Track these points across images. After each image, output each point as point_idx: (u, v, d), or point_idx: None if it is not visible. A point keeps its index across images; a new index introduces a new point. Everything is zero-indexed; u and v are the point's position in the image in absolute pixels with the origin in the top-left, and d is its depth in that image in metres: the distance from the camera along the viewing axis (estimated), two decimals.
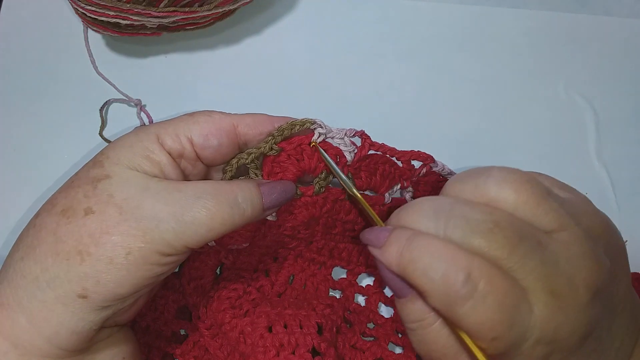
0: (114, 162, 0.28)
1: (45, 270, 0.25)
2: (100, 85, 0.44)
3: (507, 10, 0.48)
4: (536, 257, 0.25)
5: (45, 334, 0.25)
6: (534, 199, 0.26)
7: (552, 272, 0.25)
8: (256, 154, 0.31)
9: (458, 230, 0.25)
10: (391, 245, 0.27)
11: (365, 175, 0.34)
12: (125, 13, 0.39)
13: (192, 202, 0.27)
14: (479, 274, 0.24)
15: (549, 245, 0.25)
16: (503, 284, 0.24)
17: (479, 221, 0.25)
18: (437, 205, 0.27)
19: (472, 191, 0.27)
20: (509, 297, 0.24)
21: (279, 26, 0.47)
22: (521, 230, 0.25)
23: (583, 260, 0.25)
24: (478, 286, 0.24)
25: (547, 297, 0.24)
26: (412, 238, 0.26)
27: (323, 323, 0.33)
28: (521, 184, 0.26)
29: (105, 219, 0.26)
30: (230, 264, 0.37)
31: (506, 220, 0.25)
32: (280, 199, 0.30)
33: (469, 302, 0.24)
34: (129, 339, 0.30)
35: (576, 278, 0.25)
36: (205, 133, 0.30)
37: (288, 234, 0.35)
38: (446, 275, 0.24)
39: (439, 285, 0.24)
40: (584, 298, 0.25)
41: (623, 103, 0.46)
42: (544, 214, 0.26)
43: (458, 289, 0.24)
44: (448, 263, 0.24)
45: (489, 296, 0.24)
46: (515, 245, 0.24)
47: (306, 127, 0.32)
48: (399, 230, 0.27)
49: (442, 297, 0.24)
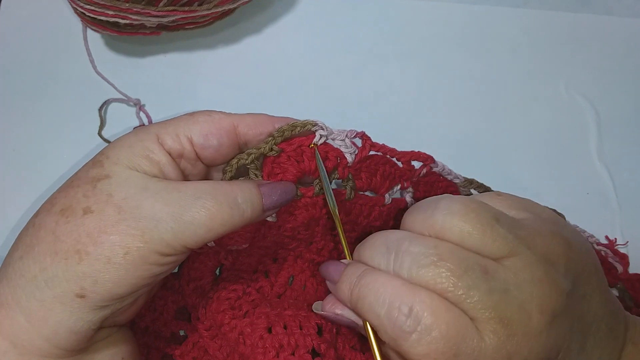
0: (114, 162, 0.27)
1: (43, 269, 0.25)
2: (99, 84, 0.44)
3: (508, 10, 0.48)
4: (482, 287, 0.25)
5: (44, 333, 0.25)
6: (479, 228, 0.26)
7: (501, 300, 0.25)
8: (256, 154, 0.31)
9: (405, 265, 0.26)
10: (343, 283, 0.28)
11: (366, 176, 0.34)
12: (124, 12, 0.39)
13: (191, 202, 0.26)
14: (422, 308, 0.25)
15: (496, 273, 0.26)
16: (447, 315, 0.25)
17: (424, 255, 0.26)
18: (388, 241, 0.28)
19: (422, 223, 0.28)
20: (453, 328, 0.24)
21: (278, 26, 0.47)
22: (467, 260, 0.26)
23: (535, 286, 0.26)
24: (421, 319, 0.24)
25: (496, 326, 0.25)
26: (362, 275, 0.27)
27: (323, 324, 0.33)
28: (466, 212, 0.27)
29: (103, 218, 0.26)
30: (229, 264, 0.37)
31: (450, 252, 0.26)
32: (280, 200, 0.30)
33: (413, 335, 0.25)
34: (128, 339, 0.30)
35: (528, 304, 0.25)
36: (205, 133, 0.30)
37: (288, 235, 0.35)
38: (390, 310, 0.25)
39: (384, 321, 0.25)
40: (538, 324, 0.25)
41: (624, 103, 0.46)
42: (491, 242, 0.26)
43: (401, 324, 0.25)
44: (391, 298, 0.25)
45: (433, 328, 0.24)
46: (460, 276, 0.25)
47: (307, 128, 0.31)
48: (351, 266, 0.29)
49: (388, 332, 0.25)
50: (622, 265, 0.40)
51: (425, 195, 0.37)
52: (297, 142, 0.31)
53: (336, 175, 0.33)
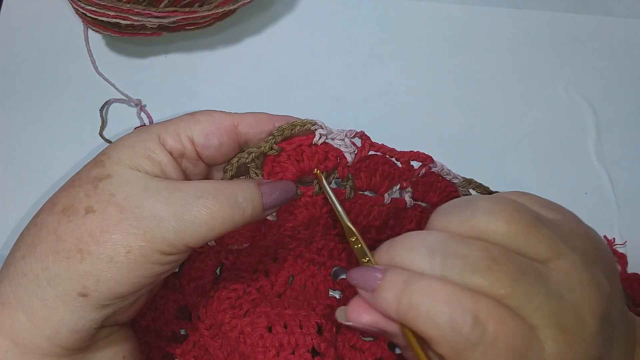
0: (115, 162, 0.28)
1: (45, 268, 0.25)
2: (100, 85, 0.44)
3: (507, 10, 0.48)
4: (541, 292, 0.23)
5: (46, 332, 0.25)
6: (525, 229, 0.24)
7: (558, 306, 0.23)
8: (256, 153, 0.31)
9: (456, 270, 0.24)
10: (386, 290, 0.25)
11: (365, 175, 0.34)
12: (125, 13, 0.39)
13: (192, 201, 0.27)
14: (486, 316, 0.23)
15: (549, 277, 0.24)
16: (512, 324, 0.23)
17: (477, 258, 0.24)
18: (429, 242, 0.25)
19: (461, 224, 0.25)
20: (519, 337, 0.23)
21: (279, 26, 0.47)
22: (520, 263, 0.24)
23: (584, 288, 0.24)
24: (487, 329, 0.22)
25: (556, 334, 0.23)
26: (409, 282, 0.24)
27: (323, 323, 0.33)
28: (510, 213, 0.25)
29: (105, 217, 0.26)
30: (230, 264, 0.37)
31: (503, 254, 0.24)
32: (280, 199, 0.30)
33: (479, 347, 0.22)
34: (129, 338, 0.30)
35: (582, 309, 0.24)
36: (206, 132, 0.30)
37: (288, 234, 0.35)
38: (452, 319, 0.23)
39: (445, 331, 0.23)
40: (592, 329, 0.24)
41: (623, 103, 0.46)
42: (537, 244, 0.24)
43: (467, 334, 0.22)
44: (453, 306, 0.23)
45: (500, 339, 0.22)
46: (517, 280, 0.23)
47: (307, 127, 0.32)
48: (393, 272, 0.25)
49: (450, 344, 0.23)
50: (620, 265, 0.40)
51: (424, 195, 0.38)
52: (297, 142, 0.31)
53: (336, 175, 0.33)
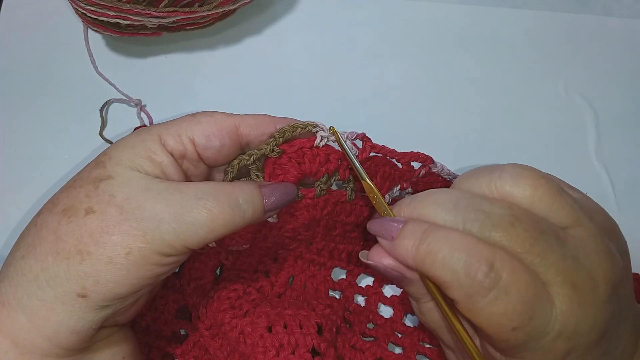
0: (116, 163, 0.28)
1: (45, 269, 0.25)
2: (100, 85, 0.44)
3: (507, 10, 0.48)
4: (557, 251, 0.25)
5: (45, 332, 0.25)
6: (550, 195, 0.26)
7: (573, 266, 0.25)
8: (257, 155, 0.31)
9: (477, 224, 0.25)
10: (405, 239, 0.26)
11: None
12: (125, 13, 0.39)
13: (193, 202, 0.27)
14: (501, 265, 0.24)
15: (567, 241, 0.25)
16: (525, 275, 0.24)
17: (499, 215, 0.25)
18: (454, 198, 0.27)
19: (487, 186, 0.27)
20: (531, 289, 0.24)
21: (279, 26, 0.47)
22: (540, 224, 0.25)
23: (601, 256, 0.26)
24: (501, 277, 0.24)
25: (569, 291, 0.24)
26: (429, 231, 0.26)
27: (323, 323, 0.33)
28: (536, 179, 0.26)
29: (105, 218, 0.26)
30: (230, 264, 0.37)
31: (525, 214, 0.25)
32: (281, 201, 0.30)
33: (491, 293, 0.24)
34: (129, 339, 0.30)
35: (595, 273, 0.25)
36: (208, 134, 0.30)
37: (289, 236, 0.35)
38: (468, 265, 0.24)
39: (460, 276, 0.24)
40: (603, 293, 0.25)
41: (623, 103, 0.46)
42: (560, 210, 0.26)
43: (481, 280, 0.24)
44: (470, 254, 0.24)
45: (512, 287, 0.24)
46: (536, 239, 0.25)
47: (308, 129, 0.32)
48: (414, 222, 0.27)
49: (463, 288, 0.24)
50: None
51: None
52: (299, 144, 0.31)
53: (337, 177, 0.33)
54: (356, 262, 0.38)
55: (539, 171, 0.27)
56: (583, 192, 0.30)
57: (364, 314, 0.37)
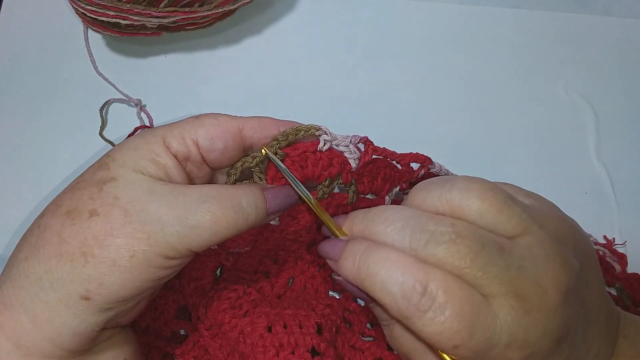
0: (120, 165, 0.27)
1: (49, 271, 0.25)
2: (100, 85, 0.44)
3: (507, 10, 0.48)
4: (499, 263, 0.25)
5: (48, 334, 0.25)
6: (496, 205, 0.26)
7: (517, 275, 0.25)
8: (261, 157, 0.31)
9: (422, 243, 0.25)
10: (347, 259, 0.27)
11: (368, 180, 0.34)
12: (125, 13, 0.39)
13: (196, 206, 0.26)
14: (436, 286, 0.24)
15: (512, 250, 0.25)
16: (461, 293, 0.24)
17: (442, 232, 0.25)
18: (404, 217, 0.27)
19: (437, 199, 0.27)
20: (467, 306, 0.24)
21: (278, 26, 0.47)
22: (483, 238, 0.25)
23: (550, 262, 0.26)
24: (436, 298, 0.24)
25: (513, 301, 0.25)
26: (368, 250, 0.26)
27: (322, 323, 0.33)
28: (484, 191, 0.26)
29: (110, 221, 0.26)
30: (230, 265, 0.37)
31: (468, 230, 0.26)
32: (284, 204, 0.30)
33: (427, 314, 0.24)
34: (130, 340, 0.30)
35: (544, 280, 0.25)
36: (211, 136, 0.29)
37: (290, 238, 0.35)
38: (403, 288, 0.25)
39: (397, 299, 0.25)
40: (554, 300, 0.25)
41: (623, 103, 0.46)
42: (507, 220, 0.26)
43: (416, 302, 0.24)
44: (405, 276, 0.25)
45: (447, 306, 0.24)
46: (477, 253, 0.25)
47: (311, 133, 0.31)
48: (354, 242, 0.28)
49: (401, 310, 0.25)
50: (620, 265, 0.40)
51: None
52: (302, 148, 0.31)
53: (340, 181, 0.32)
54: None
55: (488, 182, 0.27)
56: (544, 199, 0.30)
57: (364, 314, 0.37)
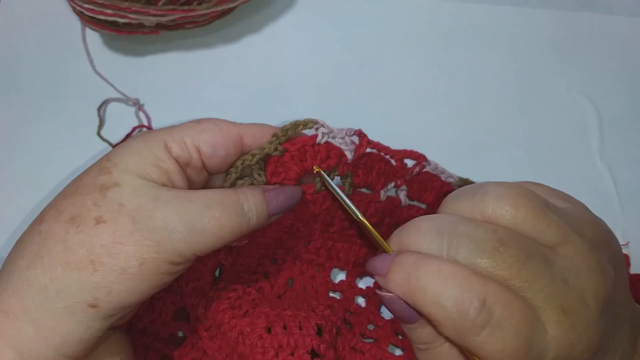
0: (123, 170, 0.27)
1: (55, 279, 0.25)
2: (98, 84, 0.44)
3: (509, 9, 0.48)
4: (546, 275, 0.24)
5: (53, 343, 0.25)
6: (533, 214, 0.25)
7: (562, 289, 0.24)
8: (260, 155, 0.31)
9: (462, 250, 0.24)
10: (395, 272, 0.26)
11: (363, 172, 0.34)
12: (123, 11, 0.39)
13: (202, 212, 0.26)
14: (494, 300, 0.23)
15: (555, 261, 0.25)
16: (518, 307, 0.23)
17: (484, 239, 0.24)
18: (439, 224, 0.26)
19: (470, 209, 0.26)
20: (525, 321, 0.23)
21: (278, 25, 0.47)
22: (527, 247, 0.24)
23: (590, 274, 0.25)
24: (494, 313, 0.23)
25: (559, 316, 0.24)
26: (419, 263, 0.25)
27: (323, 324, 0.33)
28: (519, 198, 0.25)
29: (117, 228, 0.25)
30: (229, 266, 0.37)
31: (511, 237, 0.24)
32: (285, 205, 0.30)
33: (485, 330, 0.23)
34: (124, 339, 0.30)
35: (585, 292, 0.24)
36: (213, 142, 0.29)
37: (287, 231, 0.35)
38: (460, 303, 0.23)
39: (452, 314, 0.23)
40: (595, 313, 0.24)
41: (626, 102, 0.46)
42: (545, 228, 0.25)
43: (473, 318, 0.23)
44: (461, 290, 0.23)
45: (506, 322, 0.23)
46: (523, 263, 0.24)
47: (309, 127, 0.32)
48: (403, 255, 0.26)
49: (456, 326, 0.23)
50: None
51: (419, 194, 0.38)
52: (301, 142, 0.32)
53: (336, 173, 0.33)
54: (354, 262, 0.38)
55: (522, 188, 0.26)
56: (574, 199, 0.29)
57: (365, 315, 0.37)
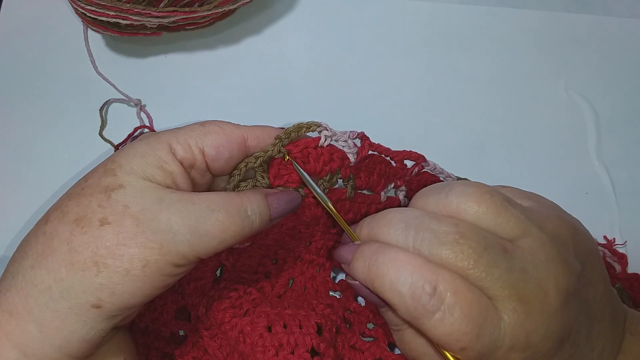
0: (127, 172, 0.27)
1: (59, 280, 0.25)
2: (100, 85, 0.44)
3: (507, 10, 0.48)
4: (502, 265, 0.25)
5: (56, 342, 0.25)
6: (494, 208, 0.27)
7: (520, 278, 0.25)
8: (264, 157, 0.31)
9: (425, 242, 0.26)
10: (358, 261, 0.28)
11: (364, 174, 0.34)
12: (125, 13, 0.39)
13: (206, 214, 0.27)
14: (445, 287, 0.25)
15: (514, 253, 0.26)
16: (469, 294, 0.25)
17: (446, 233, 0.26)
18: (406, 218, 0.28)
19: (436, 204, 0.28)
20: (475, 308, 0.24)
21: (278, 26, 0.47)
22: (486, 239, 0.26)
23: (550, 265, 0.26)
24: (445, 299, 0.24)
25: (515, 304, 0.25)
26: (378, 252, 0.27)
27: (322, 323, 0.33)
28: (480, 195, 0.27)
29: (121, 230, 0.26)
30: (230, 266, 0.37)
31: (471, 230, 0.26)
32: (286, 209, 0.30)
33: (436, 315, 0.25)
34: (127, 339, 0.31)
35: (545, 283, 0.25)
36: (217, 145, 0.30)
37: (289, 233, 0.35)
38: (413, 288, 0.25)
39: (406, 299, 0.25)
40: (555, 302, 0.25)
41: (623, 103, 0.46)
42: (506, 222, 0.26)
43: (425, 303, 0.25)
44: (414, 276, 0.25)
45: (456, 308, 0.24)
46: (480, 254, 0.25)
47: (312, 129, 0.32)
48: (366, 244, 0.28)
49: (410, 310, 0.25)
50: (620, 265, 0.40)
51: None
52: (304, 144, 0.32)
53: (339, 175, 0.33)
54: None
55: (485, 186, 0.28)
56: (545, 200, 0.31)
57: (364, 314, 0.37)
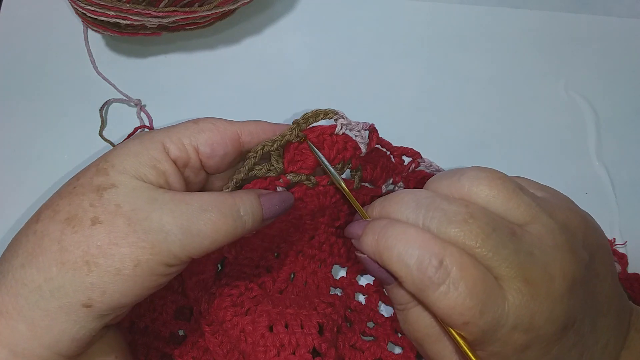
0: (120, 171, 0.27)
1: (49, 279, 0.25)
2: (100, 85, 0.44)
3: (507, 10, 0.48)
4: (509, 246, 0.26)
5: (46, 342, 0.25)
6: (505, 193, 0.27)
7: (526, 260, 0.26)
8: (281, 141, 0.31)
9: (435, 221, 0.27)
10: (367, 235, 0.28)
11: (370, 167, 0.34)
12: (125, 13, 0.39)
13: (198, 214, 0.27)
14: (451, 261, 0.25)
15: (523, 237, 0.26)
16: (475, 271, 0.25)
17: (456, 212, 0.27)
18: (417, 198, 0.28)
19: (448, 187, 0.29)
20: (480, 284, 0.25)
21: (278, 26, 0.47)
22: (495, 221, 0.26)
23: (558, 251, 0.26)
24: (450, 272, 0.25)
25: (521, 285, 0.25)
26: (387, 226, 0.27)
27: (324, 323, 0.33)
28: (492, 179, 0.28)
29: (113, 230, 0.26)
30: (232, 259, 0.37)
31: (480, 212, 0.27)
32: (279, 210, 0.30)
33: (441, 287, 0.25)
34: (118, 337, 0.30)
35: (552, 268, 0.26)
36: (212, 142, 0.30)
37: (294, 224, 0.35)
38: (420, 260, 0.26)
39: (412, 271, 0.26)
40: (560, 287, 0.26)
41: (623, 103, 0.46)
42: (516, 207, 0.27)
43: (431, 275, 0.25)
44: (422, 249, 0.26)
45: (461, 282, 0.25)
46: (489, 234, 0.26)
47: (329, 117, 0.33)
48: (376, 220, 0.29)
49: (415, 282, 0.26)
50: (620, 265, 0.40)
51: None
52: (320, 130, 0.32)
53: (350, 165, 0.33)
54: (355, 259, 0.38)
55: (497, 172, 0.28)
56: (558, 193, 0.31)
57: (365, 313, 0.37)
